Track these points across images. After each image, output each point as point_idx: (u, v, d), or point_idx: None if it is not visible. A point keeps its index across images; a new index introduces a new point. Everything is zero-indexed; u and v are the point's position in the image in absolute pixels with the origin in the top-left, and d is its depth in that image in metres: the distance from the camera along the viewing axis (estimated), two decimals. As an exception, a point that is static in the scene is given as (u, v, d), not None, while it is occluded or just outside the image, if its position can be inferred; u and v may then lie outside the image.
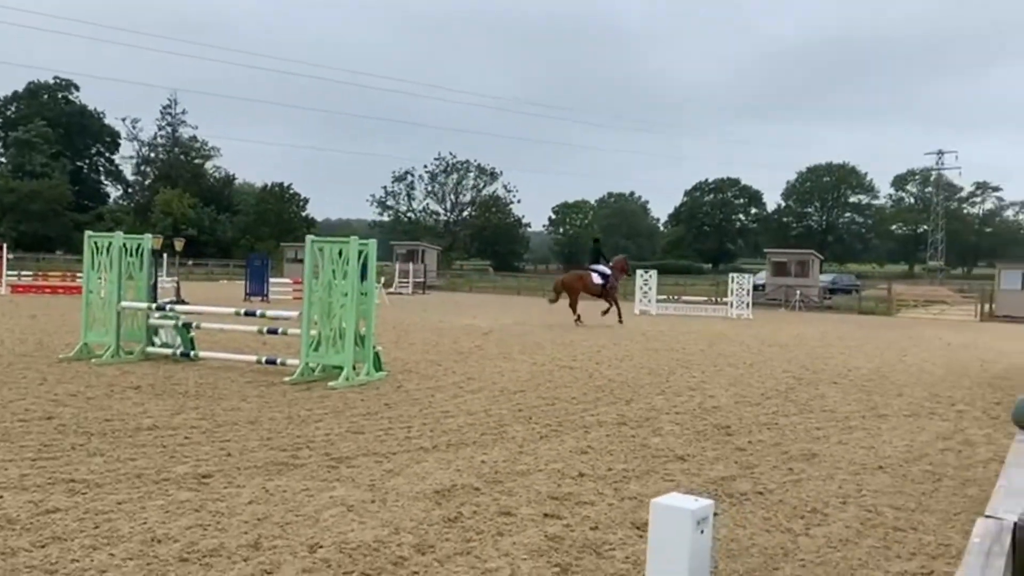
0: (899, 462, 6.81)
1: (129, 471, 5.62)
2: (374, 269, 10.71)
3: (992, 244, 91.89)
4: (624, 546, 4.52)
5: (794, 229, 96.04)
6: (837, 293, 42.76)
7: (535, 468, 6.15)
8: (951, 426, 8.54)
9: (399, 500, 5.19)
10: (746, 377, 11.87)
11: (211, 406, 8.18)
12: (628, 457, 6.62)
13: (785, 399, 9.95)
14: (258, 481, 5.49)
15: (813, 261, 39.96)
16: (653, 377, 11.50)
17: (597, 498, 5.42)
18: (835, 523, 5.09)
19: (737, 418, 8.55)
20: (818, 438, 7.69)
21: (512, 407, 8.76)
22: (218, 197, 78.44)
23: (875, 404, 9.79)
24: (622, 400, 9.44)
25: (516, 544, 4.47)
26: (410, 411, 8.32)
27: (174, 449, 6.31)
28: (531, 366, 12.28)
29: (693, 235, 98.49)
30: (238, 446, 6.48)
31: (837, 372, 12.81)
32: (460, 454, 6.52)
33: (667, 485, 5.75)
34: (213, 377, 10.11)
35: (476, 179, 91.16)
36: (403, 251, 49.41)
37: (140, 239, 12.12)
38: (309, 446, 6.58)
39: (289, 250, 50.43)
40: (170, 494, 5.12)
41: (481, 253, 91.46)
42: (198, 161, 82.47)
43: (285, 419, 7.66)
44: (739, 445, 7.24)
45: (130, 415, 7.57)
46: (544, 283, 52.07)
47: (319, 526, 4.63)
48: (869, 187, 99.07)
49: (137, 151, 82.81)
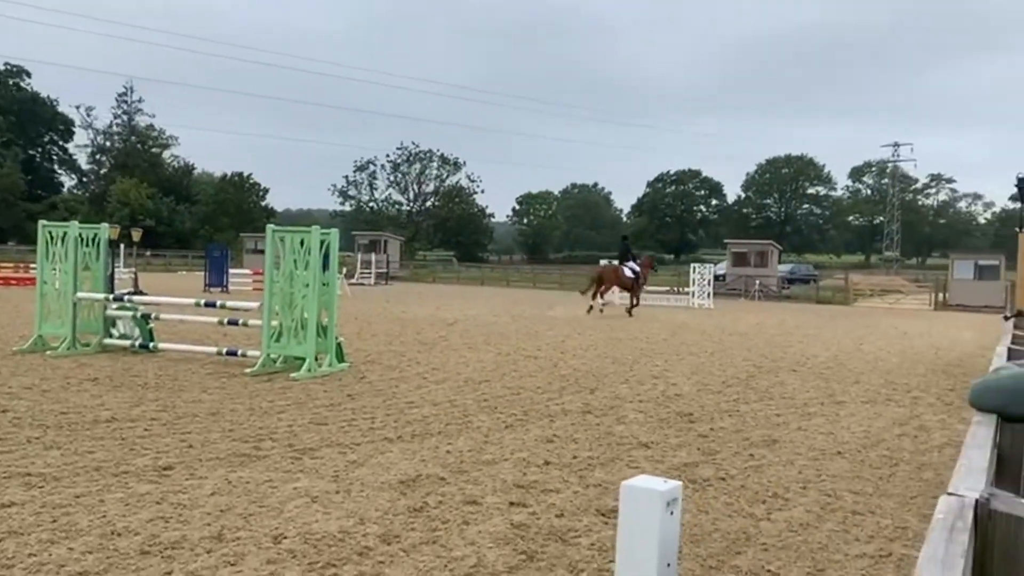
0: (857, 447, 6.94)
1: (87, 464, 5.52)
2: (336, 259, 10.62)
3: (945, 235, 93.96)
4: (590, 533, 4.55)
5: (754, 220, 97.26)
6: (795, 283, 43.41)
7: (501, 457, 6.16)
8: (907, 412, 8.73)
9: (364, 490, 5.16)
10: (708, 365, 12.01)
11: (171, 398, 8.06)
12: (593, 445, 6.66)
13: (746, 387, 10.08)
14: (220, 473, 5.43)
15: (772, 252, 40.54)
16: (617, 366, 11.58)
17: (562, 486, 5.44)
18: (796, 507, 5.17)
19: (699, 405, 8.65)
20: (778, 424, 7.81)
21: (477, 397, 8.76)
22: (176, 187, 77.16)
23: (833, 391, 9.96)
24: (587, 389, 9.50)
25: (482, 533, 4.48)
26: (374, 402, 8.28)
27: (133, 441, 6.20)
28: (496, 356, 12.29)
29: (655, 226, 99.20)
30: (199, 438, 6.40)
31: (796, 360, 13.01)
32: (425, 444, 6.51)
33: (632, 472, 5.78)
34: (173, 369, 9.96)
35: (439, 169, 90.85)
36: (365, 241, 49.11)
37: (96, 229, 11.88)
38: (272, 437, 6.52)
39: (249, 240, 49.81)
40: (130, 487, 5.04)
41: (444, 244, 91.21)
42: (155, 150, 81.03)
43: (247, 411, 7.58)
44: (702, 432, 7.32)
45: (87, 407, 7.43)
46: (507, 274, 52.07)
47: (283, 517, 4.59)
48: (827, 179, 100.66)
49: (92, 140, 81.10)
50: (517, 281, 47.52)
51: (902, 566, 4.25)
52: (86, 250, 11.59)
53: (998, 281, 32.95)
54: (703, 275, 29.60)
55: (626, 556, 1.97)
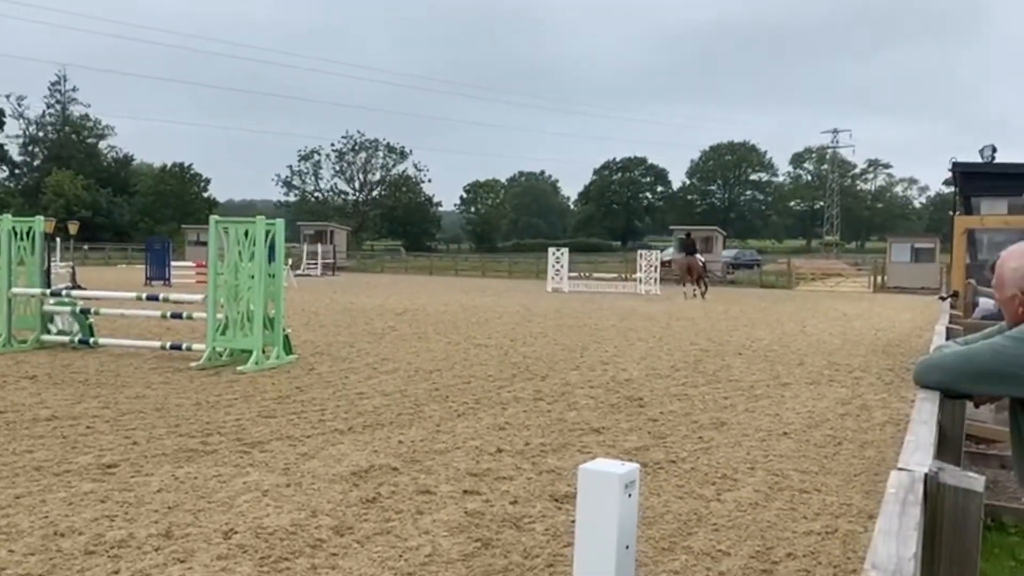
0: (802, 428, 7.09)
1: (27, 463, 5.35)
2: (282, 250, 10.47)
3: (883, 219, 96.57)
4: (544, 519, 4.57)
5: (698, 206, 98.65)
6: (739, 268, 44.15)
7: (453, 446, 6.15)
8: (849, 392, 8.95)
9: (315, 483, 5.11)
10: (656, 350, 12.15)
11: (114, 394, 7.86)
12: (545, 432, 6.69)
13: (694, 370, 10.23)
14: (167, 469, 5.32)
15: (717, 237, 41.15)
16: (567, 353, 11.64)
17: (515, 473, 5.46)
18: (744, 488, 5.27)
19: (649, 390, 8.75)
20: (726, 407, 7.94)
21: (428, 386, 8.73)
22: (114, 178, 75.14)
23: (778, 373, 10.16)
24: (538, 376, 9.53)
25: (436, 522, 4.47)
26: (323, 394, 8.19)
27: (75, 439, 6.04)
28: (446, 345, 12.26)
29: (602, 213, 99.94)
30: (144, 434, 6.26)
31: (742, 344, 13.24)
32: (376, 435, 6.47)
33: (584, 457, 5.82)
34: (115, 364, 9.71)
35: (385, 158, 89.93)
36: (311, 232, 48.50)
37: (31, 222, 11.52)
38: (219, 432, 6.41)
39: (191, 232, 48.82)
40: (73, 486, 4.91)
41: (392, 233, 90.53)
42: (91, 141, 78.71)
43: (193, 405, 7.44)
44: (651, 416, 7.41)
45: (26, 406, 7.21)
46: (456, 263, 51.94)
47: (233, 512, 4.52)
48: (768, 165, 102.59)
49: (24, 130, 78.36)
50: (466, 270, 47.44)
51: (848, 541, 4.36)
52: (20, 244, 11.23)
53: (934, 264, 33.97)
54: (650, 261, 29.91)
55: (585, 539, 1.98)
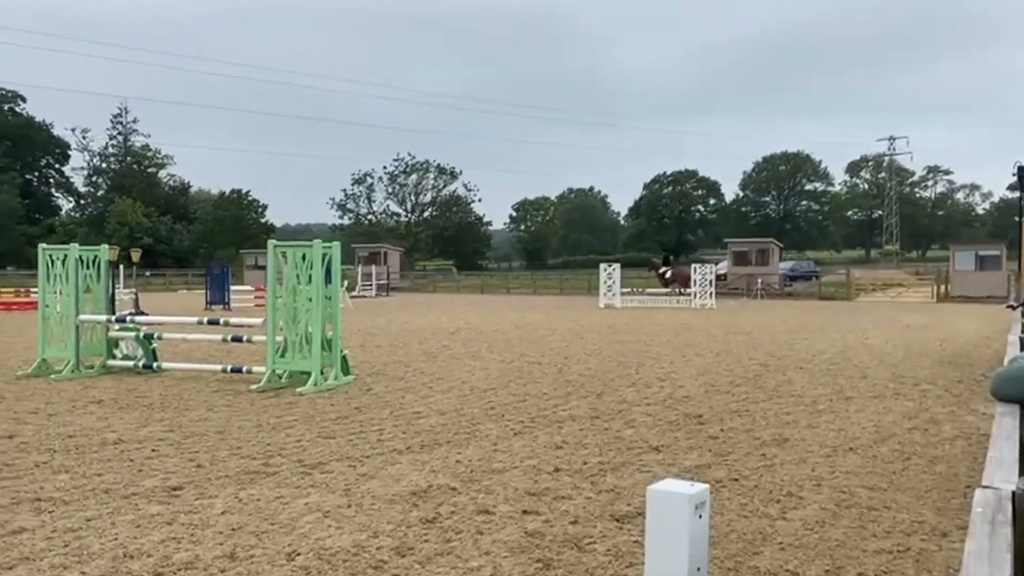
0: (868, 443, 6.90)
1: (96, 487, 5.48)
2: (338, 272, 10.60)
3: (945, 226, 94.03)
4: (604, 539, 4.51)
5: (752, 218, 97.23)
6: (797, 280, 43.37)
7: (510, 465, 6.12)
8: (915, 405, 8.69)
9: (375, 503, 5.13)
10: (714, 366, 11.97)
11: (178, 417, 8.03)
12: (603, 450, 6.62)
13: (754, 386, 10.04)
14: (230, 491, 5.39)
15: (773, 249, 40.50)
16: (622, 370, 11.54)
17: (574, 492, 5.41)
18: (810, 506, 5.14)
19: (708, 407, 8.61)
20: (788, 423, 7.77)
21: (483, 405, 8.72)
22: (174, 206, 77.23)
23: (841, 387, 9.92)
24: (593, 394, 9.46)
25: (496, 542, 4.44)
26: (381, 413, 8.25)
27: (142, 462, 6.17)
28: (500, 364, 12.26)
29: (654, 228, 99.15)
30: (208, 456, 6.36)
31: (802, 357, 12.97)
32: (434, 454, 6.47)
33: (644, 476, 5.76)
34: (178, 388, 9.92)
35: (436, 179, 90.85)
36: (365, 254, 49.10)
37: (96, 251, 11.85)
38: (280, 453, 6.48)
39: (249, 257, 49.84)
40: (140, 508, 5.01)
41: (443, 253, 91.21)
42: (152, 170, 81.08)
43: (254, 427, 7.55)
44: (712, 433, 7.28)
45: (94, 430, 7.40)
46: (507, 281, 52.04)
47: (296, 533, 4.56)
48: (824, 175, 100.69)
49: (88, 162, 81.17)
50: (517, 288, 47.52)
51: (922, 560, 4.22)
52: (86, 272, 11.56)
53: (1000, 271, 32.92)
54: (704, 275, 29.57)
55: (655, 562, 1.93)
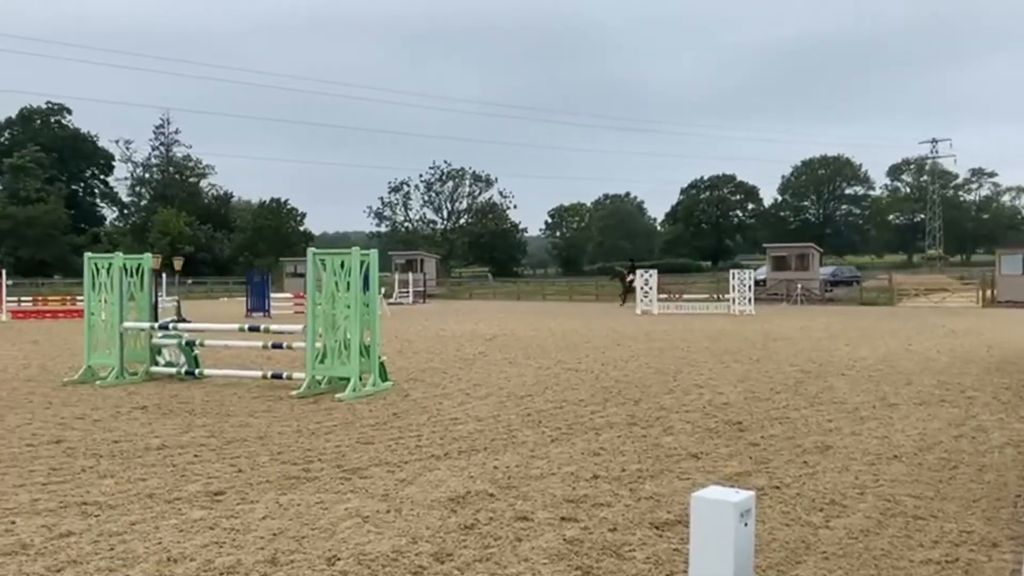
0: (914, 451, 6.76)
1: (140, 491, 5.57)
2: (376, 279, 10.67)
3: (990, 230, 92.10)
4: (644, 546, 4.47)
5: (791, 223, 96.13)
6: (838, 285, 42.80)
7: (548, 472, 6.11)
8: (962, 413, 8.50)
9: (414, 509, 5.14)
10: (753, 372, 11.83)
11: (219, 423, 8.13)
12: (641, 457, 6.58)
13: (794, 392, 9.91)
14: (271, 496, 5.45)
15: (813, 254, 39.99)
16: (660, 376, 11.46)
17: (613, 499, 5.37)
18: (854, 514, 5.05)
19: (748, 413, 8.51)
20: (830, 430, 7.65)
21: (521, 412, 8.71)
22: (215, 215, 78.57)
23: (884, 394, 9.75)
24: (631, 400, 9.40)
25: (535, 549, 4.43)
26: (419, 419, 8.28)
27: (184, 468, 6.26)
28: (536, 370, 12.24)
29: (691, 233, 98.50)
30: (249, 462, 6.44)
31: (844, 364, 12.77)
32: (472, 460, 6.48)
33: (683, 484, 5.71)
34: (219, 394, 10.06)
35: (471, 186, 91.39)
36: (402, 261, 49.47)
37: (140, 259, 12.07)
38: (320, 459, 6.54)
39: (288, 264, 50.49)
40: (183, 513, 5.08)
41: (479, 260, 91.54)
42: (193, 180, 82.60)
43: (294, 433, 7.62)
44: (752, 440, 7.19)
45: (138, 435, 7.52)
46: (543, 287, 52.05)
47: (336, 538, 4.59)
48: (864, 178, 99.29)
49: (131, 172, 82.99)
50: (553, 294, 47.48)
51: (971, 571, 4.12)
52: (131, 280, 11.78)
53: (1048, 275, 32.12)
54: (743, 280, 29.28)
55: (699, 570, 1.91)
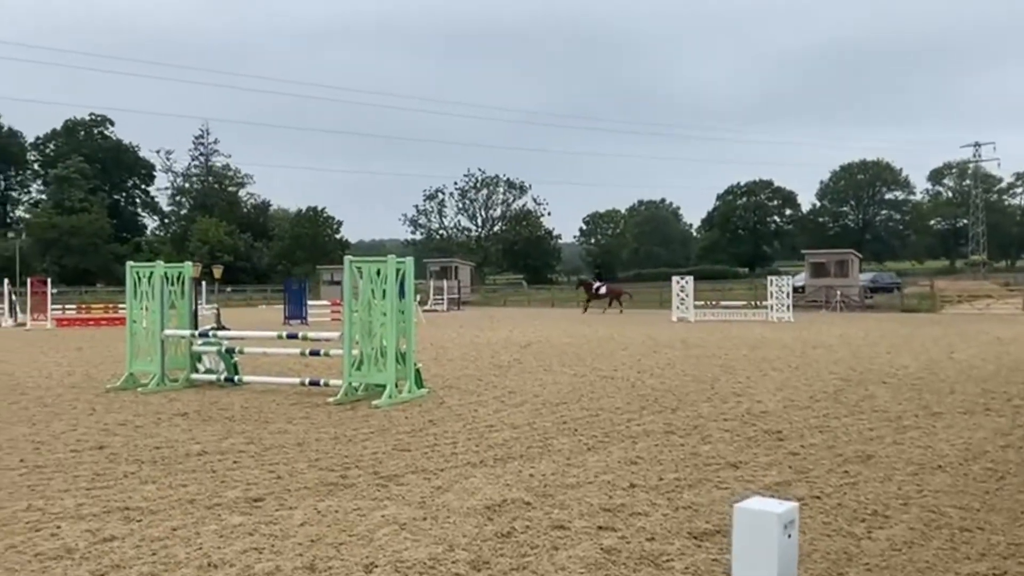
0: (958, 461, 6.62)
1: (181, 497, 5.65)
2: (412, 287, 10.72)
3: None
4: (683, 556, 4.43)
5: (830, 229, 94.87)
6: (878, 292, 42.13)
7: (585, 480, 6.08)
8: (1008, 422, 8.31)
9: (451, 516, 5.15)
10: (792, 380, 11.68)
11: (258, 430, 8.22)
12: (679, 466, 6.52)
13: (834, 401, 9.76)
14: (309, 502, 5.49)
15: (852, 260, 39.42)
16: (697, 384, 11.36)
17: (651, 509, 5.33)
18: (898, 525, 4.95)
19: (787, 422, 8.40)
20: (872, 439, 7.52)
21: (556, 419, 8.69)
22: (253, 224, 79.57)
23: (927, 403, 9.56)
24: (668, 409, 9.33)
25: (572, 558, 4.40)
26: (454, 427, 8.29)
27: (224, 474, 6.33)
28: (572, 377, 12.20)
29: (727, 239, 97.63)
30: (287, 468, 6.49)
31: (885, 372, 12.56)
32: (508, 468, 6.47)
33: (722, 493, 5.64)
34: (258, 401, 10.17)
35: (506, 194, 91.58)
36: (436, 268, 49.67)
37: (180, 268, 12.25)
38: (357, 465, 6.58)
39: (325, 272, 50.97)
40: (223, 519, 5.13)
41: (513, 267, 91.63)
42: (232, 189, 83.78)
43: (332, 439, 7.68)
44: (792, 450, 7.10)
45: (179, 442, 7.63)
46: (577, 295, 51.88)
47: (373, 545, 4.61)
48: (904, 183, 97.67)
49: (172, 182, 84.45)
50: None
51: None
52: (171, 288, 11.96)
53: (1097, 281, 31.32)
54: (781, 287, 28.95)
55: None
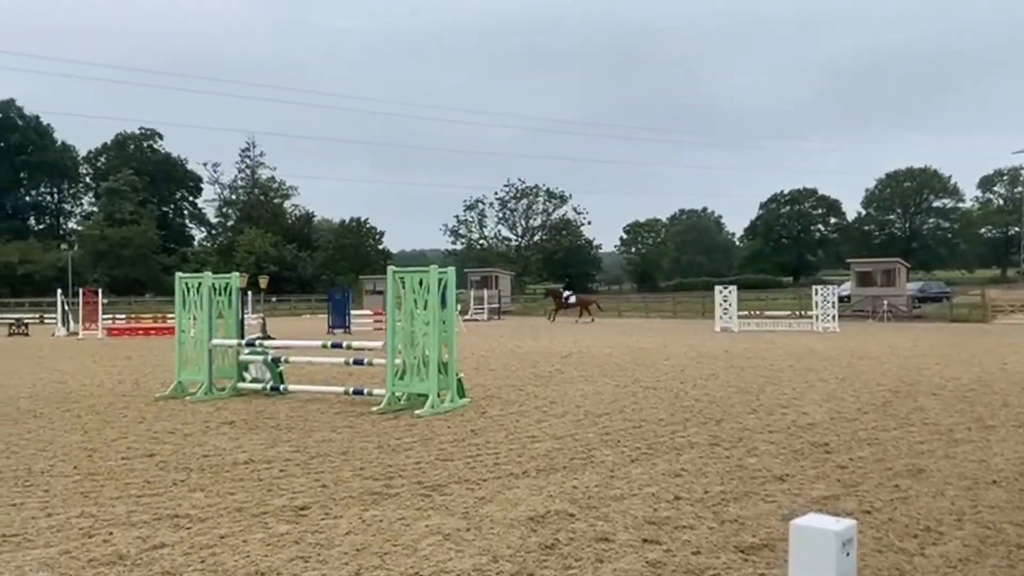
0: (1014, 475, 6.45)
1: (229, 505, 5.73)
2: (454, 296, 10.77)
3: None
4: (729, 571, 4.37)
5: (876, 237, 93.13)
6: (927, 301, 41.27)
7: (629, 492, 6.03)
8: (1067, 436, 8.06)
9: (494, 527, 5.15)
10: (839, 392, 11.48)
11: (303, 438, 8.31)
12: (724, 479, 6.44)
13: (883, 413, 9.57)
14: (354, 511, 5.53)
15: (899, 269, 38.68)
16: (742, 395, 11.22)
17: (696, 522, 5.27)
18: (951, 541, 4.83)
19: (835, 434, 8.26)
20: (923, 453, 7.36)
21: (599, 430, 8.64)
22: (298, 235, 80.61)
23: (980, 415, 9.33)
24: (712, 420, 9.23)
25: (616, 571, 4.37)
26: (496, 437, 8.30)
27: (270, 482, 6.41)
28: (614, 388, 12.14)
29: (771, 248, 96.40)
30: (332, 477, 6.55)
31: (935, 383, 12.28)
32: (551, 479, 6.45)
33: (768, 507, 5.57)
34: (303, 410, 10.28)
35: (546, 203, 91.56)
36: (477, 278, 49.76)
37: (227, 278, 12.44)
38: (401, 475, 6.61)
39: (368, 282, 51.40)
40: (270, 527, 5.19)
41: (553, 276, 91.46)
42: (277, 201, 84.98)
43: (376, 448, 7.73)
44: (840, 463, 6.97)
45: (226, 450, 7.74)
46: (618, 304, 51.59)
47: (417, 555, 4.62)
48: (953, 191, 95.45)
49: (219, 194, 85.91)
50: (628, 311, 47.02)
51: (1081, 606, 3.89)
52: (219, 299, 12.15)
53: None
54: (826, 297, 28.50)
55: (798, 602, 1.84)
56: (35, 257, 68.48)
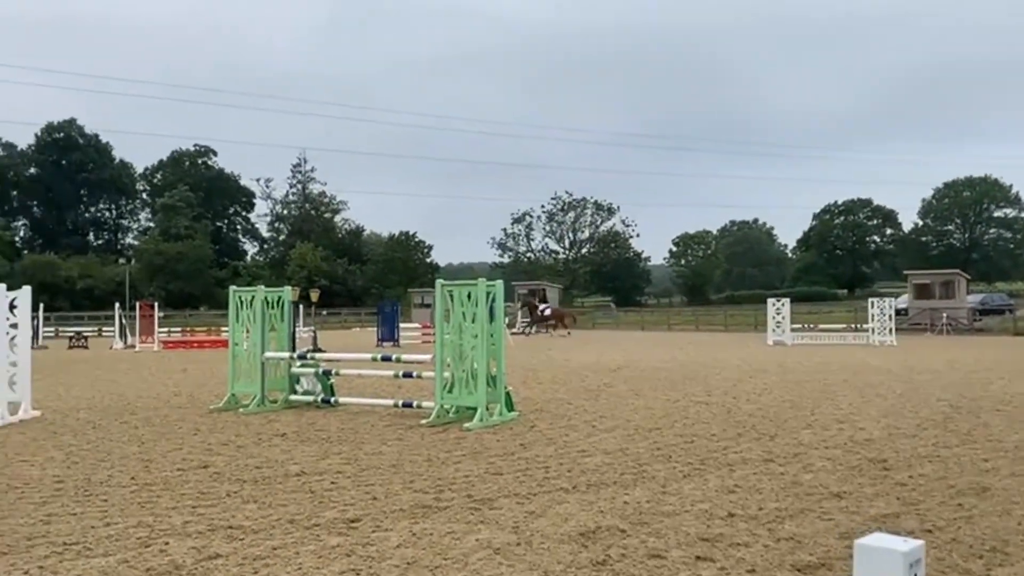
0: (1085, 495, 6.19)
1: (281, 517, 5.77)
2: (502, 310, 10.77)
3: None
4: (786, 590, 4.27)
5: (934, 249, 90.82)
6: (988, 314, 40.09)
7: (681, 508, 5.94)
8: None
9: (545, 542, 5.10)
10: (898, 407, 11.19)
11: (354, 451, 8.36)
12: (779, 495, 6.30)
13: (944, 429, 9.29)
14: (404, 524, 5.53)
15: (959, 281, 37.71)
16: (796, 410, 11.00)
17: (751, 539, 5.16)
18: (1020, 563, 4.65)
19: (893, 451, 8.03)
20: (987, 470, 7.11)
21: (649, 445, 8.54)
22: (348, 248, 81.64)
23: (1048, 432, 9.00)
24: (766, 435, 9.05)
25: (670, 588, 4.29)
26: (546, 451, 8.25)
27: (322, 494, 6.45)
28: (665, 402, 12.00)
29: (825, 260, 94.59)
30: (382, 489, 6.57)
31: (999, 399, 11.90)
32: (601, 494, 6.38)
33: (825, 524, 5.42)
34: (353, 422, 10.36)
35: (593, 216, 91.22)
36: (524, 291, 49.81)
37: (280, 292, 12.62)
38: (451, 488, 6.60)
39: (416, 295, 51.85)
40: (321, 539, 5.22)
41: (602, 289, 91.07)
42: (328, 215, 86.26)
43: (425, 461, 7.74)
44: (899, 480, 6.77)
45: (278, 462, 7.83)
46: (668, 317, 51.13)
47: (468, 569, 4.60)
48: (1015, 200, 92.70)
49: (271, 209, 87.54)
50: (678, 324, 46.58)
51: None
52: (271, 312, 12.33)
53: None
54: (883, 310, 27.88)
55: (866, 626, 1.77)
56: (94, 272, 70.51)
